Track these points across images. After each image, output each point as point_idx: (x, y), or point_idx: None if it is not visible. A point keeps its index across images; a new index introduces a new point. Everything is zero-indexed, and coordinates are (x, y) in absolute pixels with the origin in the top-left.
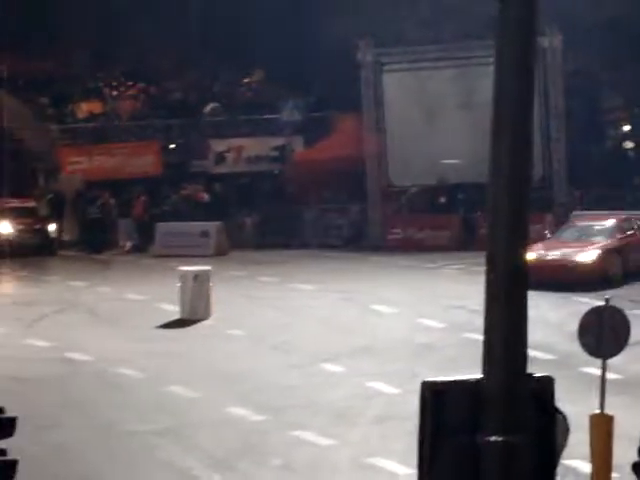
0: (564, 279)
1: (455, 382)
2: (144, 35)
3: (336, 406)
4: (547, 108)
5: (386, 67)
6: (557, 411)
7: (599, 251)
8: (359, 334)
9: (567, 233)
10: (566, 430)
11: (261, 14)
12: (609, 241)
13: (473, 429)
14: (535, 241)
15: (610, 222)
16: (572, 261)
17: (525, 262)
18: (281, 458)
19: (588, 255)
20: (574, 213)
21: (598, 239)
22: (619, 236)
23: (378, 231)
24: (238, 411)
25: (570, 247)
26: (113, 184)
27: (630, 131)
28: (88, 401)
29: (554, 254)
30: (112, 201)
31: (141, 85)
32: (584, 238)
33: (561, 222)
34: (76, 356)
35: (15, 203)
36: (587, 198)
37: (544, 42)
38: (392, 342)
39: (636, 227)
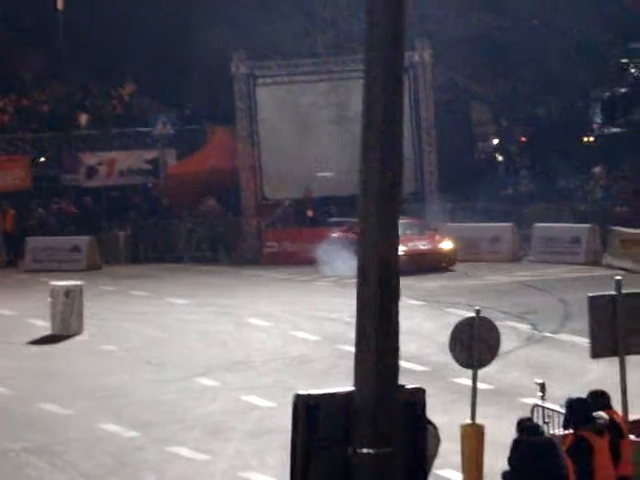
0: (434, 265)
1: (327, 395)
2: (10, 46)
3: (210, 420)
4: (418, 122)
5: (260, 80)
6: (428, 422)
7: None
8: (234, 348)
9: None
10: (437, 440)
11: (134, 26)
12: (429, 234)
13: (345, 441)
14: None
15: (408, 221)
16: (439, 248)
17: (396, 274)
18: (155, 474)
19: (447, 243)
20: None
21: (420, 233)
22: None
23: (253, 244)
24: (111, 427)
25: (416, 240)
26: None
27: (499, 144)
28: None
29: (419, 245)
30: None
31: (9, 98)
32: (409, 234)
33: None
34: None
35: None
36: (457, 210)
37: (414, 56)
38: (267, 355)
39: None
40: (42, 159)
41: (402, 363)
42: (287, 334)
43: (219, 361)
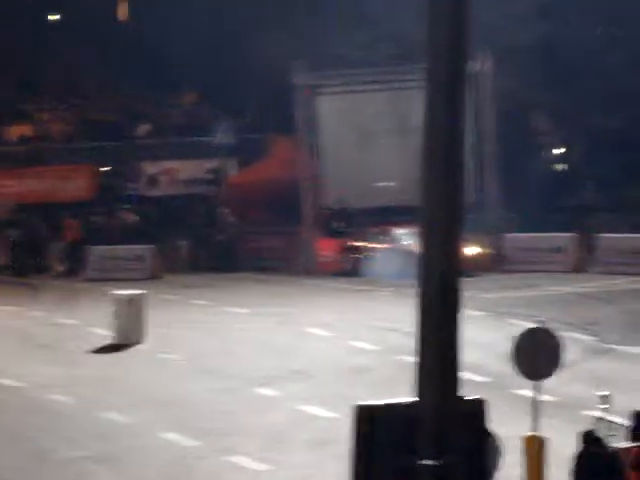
0: None
1: (388, 405)
2: (74, 57)
3: (271, 430)
4: (479, 132)
5: (320, 90)
6: (489, 433)
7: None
8: (294, 357)
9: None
10: (498, 452)
11: (194, 35)
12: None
13: (406, 452)
14: None
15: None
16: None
17: (458, 285)
18: None
19: (473, 249)
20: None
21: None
22: None
23: (311, 254)
24: (172, 436)
25: None
26: (45, 207)
27: (561, 154)
28: (20, 427)
29: None
30: (41, 225)
31: (72, 108)
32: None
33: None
34: (7, 382)
35: None
36: (519, 221)
37: (475, 66)
38: (326, 365)
39: None
40: (104, 169)
41: (463, 374)
42: (347, 344)
43: (279, 371)
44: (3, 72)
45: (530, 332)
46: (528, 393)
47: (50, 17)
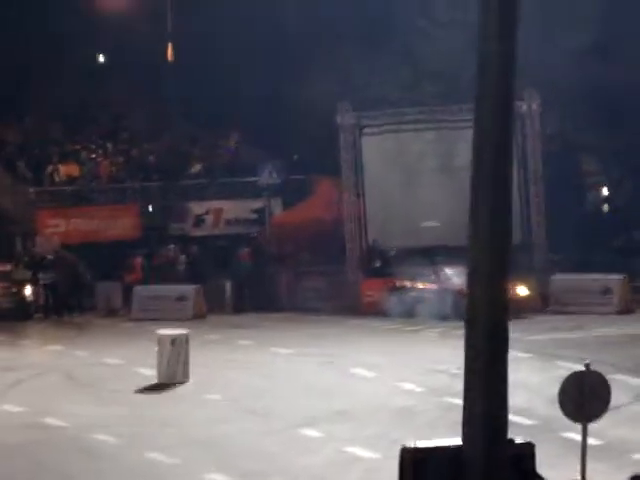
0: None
1: (435, 448)
2: (121, 97)
3: (314, 472)
4: (525, 172)
5: (366, 130)
6: (538, 476)
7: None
8: (337, 398)
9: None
10: None
11: (241, 76)
12: None
13: None
14: None
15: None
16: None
17: (505, 327)
18: None
19: (522, 289)
20: None
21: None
22: None
23: (355, 293)
24: (216, 477)
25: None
26: (90, 247)
27: (608, 195)
28: (64, 468)
29: None
30: (81, 267)
31: (119, 148)
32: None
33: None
34: (52, 421)
35: None
36: (565, 262)
37: (522, 107)
38: (371, 406)
39: None
40: (150, 208)
41: (510, 417)
42: (392, 385)
43: (323, 411)
44: (51, 112)
45: (577, 374)
46: (576, 436)
47: (99, 58)
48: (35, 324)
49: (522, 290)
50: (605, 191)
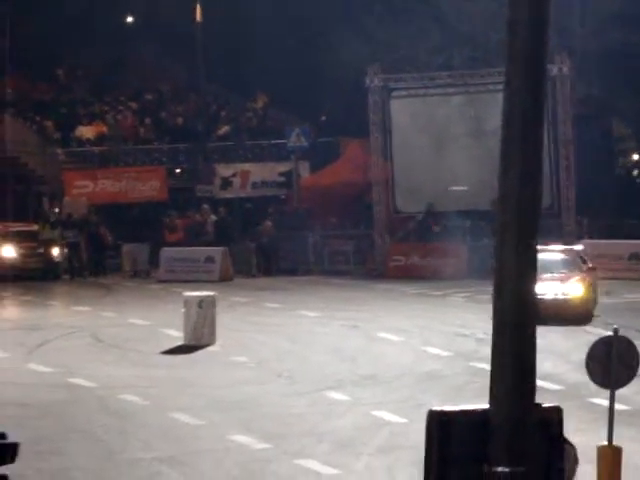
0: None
1: (462, 412)
2: (149, 60)
3: (340, 435)
4: (556, 136)
5: (394, 93)
6: (566, 441)
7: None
8: (364, 362)
9: None
10: (575, 461)
11: (270, 39)
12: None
13: (480, 459)
14: None
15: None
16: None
17: (534, 293)
18: None
19: (577, 287)
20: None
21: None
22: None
23: (382, 258)
24: (241, 439)
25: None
26: (118, 208)
27: (638, 160)
28: (90, 428)
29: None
30: (103, 229)
31: (147, 109)
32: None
33: None
34: (79, 382)
35: (19, 227)
36: (594, 226)
37: (553, 70)
38: (398, 370)
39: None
40: (178, 170)
41: (537, 382)
42: (418, 349)
43: (349, 375)
44: (80, 73)
45: (605, 340)
46: (603, 402)
47: (128, 20)
48: (62, 285)
49: (577, 288)
50: (636, 156)
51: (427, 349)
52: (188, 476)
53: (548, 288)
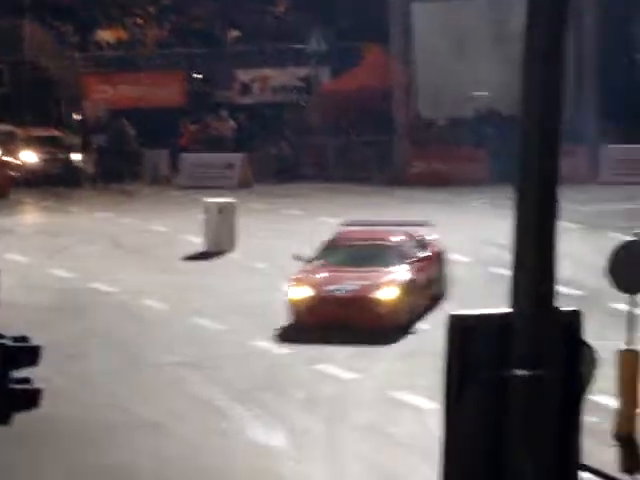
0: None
1: (483, 316)
2: None
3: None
4: (580, 40)
5: None
6: (586, 345)
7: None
8: None
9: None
10: (594, 365)
11: None
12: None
13: (501, 363)
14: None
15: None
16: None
17: (556, 195)
18: (304, 391)
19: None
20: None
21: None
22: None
23: (403, 164)
24: (262, 344)
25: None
26: (136, 113)
27: None
28: (113, 332)
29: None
30: (131, 131)
31: (166, 13)
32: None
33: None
34: (101, 287)
35: (39, 132)
36: (617, 132)
37: None
38: None
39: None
40: (197, 75)
41: (558, 287)
42: None
43: None
44: None
45: (627, 245)
46: (624, 307)
47: None
48: (83, 191)
49: (389, 291)
50: None
51: (448, 255)
52: (210, 380)
53: (353, 284)
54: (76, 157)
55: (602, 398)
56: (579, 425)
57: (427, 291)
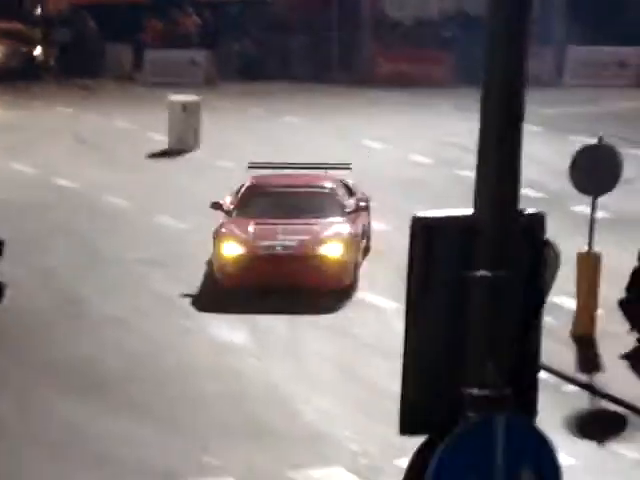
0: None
1: (446, 217)
2: None
3: None
4: None
5: None
6: (549, 244)
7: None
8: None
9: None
10: (556, 266)
11: None
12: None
13: (463, 264)
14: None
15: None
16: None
17: (522, 95)
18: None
19: (334, 246)
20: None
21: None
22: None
23: (368, 63)
24: None
25: (290, 232)
26: (99, 8)
27: None
28: (76, 228)
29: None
30: (92, 25)
31: None
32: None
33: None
34: (63, 183)
35: (1, 25)
36: (582, 32)
37: None
38: (382, 177)
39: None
40: None
41: (520, 189)
42: (403, 157)
43: None
44: None
45: (590, 148)
46: (585, 210)
47: None
48: (45, 85)
49: (334, 247)
50: None
51: (412, 156)
52: (170, 277)
53: (290, 239)
54: (37, 51)
55: (562, 300)
56: (540, 326)
57: (362, 245)
